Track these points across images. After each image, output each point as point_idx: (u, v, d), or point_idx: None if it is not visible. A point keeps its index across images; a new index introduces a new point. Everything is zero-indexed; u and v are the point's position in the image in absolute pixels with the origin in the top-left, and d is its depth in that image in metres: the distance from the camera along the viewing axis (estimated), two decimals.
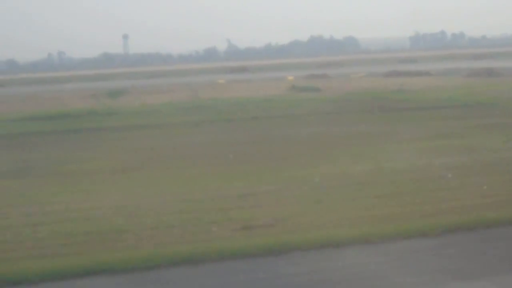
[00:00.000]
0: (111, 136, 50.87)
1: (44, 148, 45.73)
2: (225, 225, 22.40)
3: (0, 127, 57.60)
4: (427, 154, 34.77)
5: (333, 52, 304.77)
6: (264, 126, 51.65)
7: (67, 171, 35.82)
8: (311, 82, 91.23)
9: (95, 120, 59.90)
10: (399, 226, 21.70)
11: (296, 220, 22.85)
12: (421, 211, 23.26)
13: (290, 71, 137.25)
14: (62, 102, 79.28)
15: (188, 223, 22.93)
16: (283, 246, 19.94)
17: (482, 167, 30.50)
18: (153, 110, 64.39)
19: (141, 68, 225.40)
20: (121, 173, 34.26)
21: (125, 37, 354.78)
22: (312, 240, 20.36)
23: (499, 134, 40.32)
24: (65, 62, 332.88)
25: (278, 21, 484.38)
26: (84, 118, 61.55)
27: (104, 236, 21.74)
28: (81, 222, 23.78)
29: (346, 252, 19.60)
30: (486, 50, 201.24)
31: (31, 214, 25.49)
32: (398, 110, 57.46)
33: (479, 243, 20.00)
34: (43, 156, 42.05)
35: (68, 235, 22.05)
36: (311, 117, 55.41)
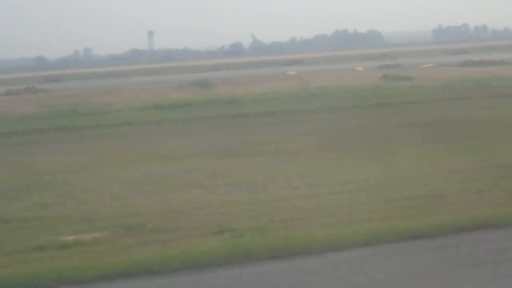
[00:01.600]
0: (257, 121, 52.41)
1: (207, 133, 47.41)
2: None
3: (134, 116, 59.39)
4: None
5: (359, 45, 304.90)
6: (400, 111, 53.17)
7: (269, 151, 37.25)
8: (393, 72, 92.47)
9: (220, 108, 61.50)
10: None
11: None
12: None
13: (347, 63, 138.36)
14: (159, 93, 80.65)
15: (493, 188, 24.51)
16: None
17: None
18: (271, 98, 65.93)
19: (175, 63, 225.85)
20: (326, 152, 35.56)
21: (150, 33, 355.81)
22: None
23: None
24: (91, 59, 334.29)
25: (301, 15, 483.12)
26: (207, 106, 63.15)
27: (430, 200, 23.29)
28: (379, 190, 25.25)
29: None
30: None
31: (307, 186, 26.95)
32: None
33: None
34: (221, 139, 43.64)
35: (388, 201, 23.47)
36: (440, 103, 56.92)
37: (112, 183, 30.06)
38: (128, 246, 19.97)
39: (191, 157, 36.65)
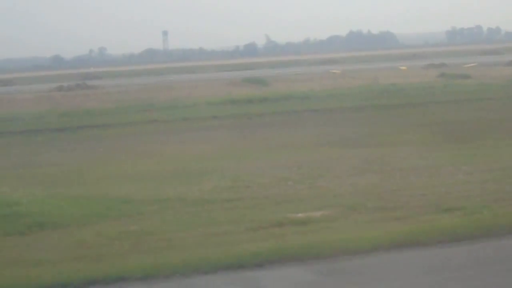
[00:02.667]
0: (348, 115, 53.37)
1: (311, 125, 48.44)
2: None
3: (216, 110, 60.23)
4: None
5: (377, 46, 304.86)
6: (487, 107, 54.17)
7: (394, 141, 38.27)
8: (441, 70, 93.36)
9: (299, 103, 62.40)
10: None
11: None
12: None
13: (383, 63, 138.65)
14: (219, 89, 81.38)
15: None
16: None
17: None
18: (345, 94, 66.88)
19: (195, 63, 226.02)
20: (455, 144, 36.65)
21: (165, 33, 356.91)
22: None
23: None
24: (105, 58, 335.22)
25: (314, 16, 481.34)
26: (283, 101, 64.07)
27: None
28: None
29: None
30: None
31: (478, 171, 27.91)
32: None
33: None
34: (331, 131, 44.48)
35: None
36: None
37: (271, 169, 30.99)
38: (365, 222, 20.98)
39: (322, 147, 37.69)
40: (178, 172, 31.93)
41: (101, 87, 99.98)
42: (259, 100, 64.99)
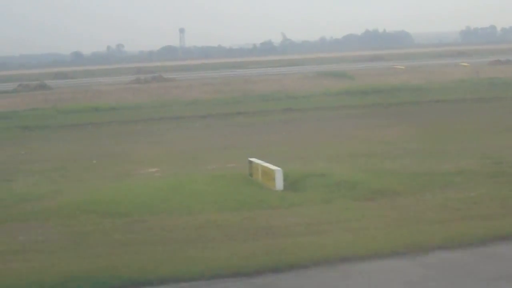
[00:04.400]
0: (472, 106, 55.07)
1: (453, 115, 50.18)
2: None
3: (342, 100, 62.41)
4: None
5: (389, 45, 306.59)
6: None
7: None
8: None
9: (411, 95, 64.37)
10: None
11: None
12: None
13: (430, 60, 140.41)
14: (306, 82, 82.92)
15: None
16: None
17: None
18: (451, 87, 68.91)
19: (219, 60, 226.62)
20: None
21: (182, 31, 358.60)
22: None
23: None
24: (123, 55, 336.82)
25: (330, 15, 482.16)
26: (397, 93, 66.14)
27: None
28: None
29: None
30: None
31: None
32: None
33: None
34: (478, 119, 46.49)
35: None
36: None
37: (501, 149, 33.04)
38: None
39: (501, 133, 39.48)
40: (409, 151, 33.80)
41: (178, 80, 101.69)
42: (372, 92, 67.02)
